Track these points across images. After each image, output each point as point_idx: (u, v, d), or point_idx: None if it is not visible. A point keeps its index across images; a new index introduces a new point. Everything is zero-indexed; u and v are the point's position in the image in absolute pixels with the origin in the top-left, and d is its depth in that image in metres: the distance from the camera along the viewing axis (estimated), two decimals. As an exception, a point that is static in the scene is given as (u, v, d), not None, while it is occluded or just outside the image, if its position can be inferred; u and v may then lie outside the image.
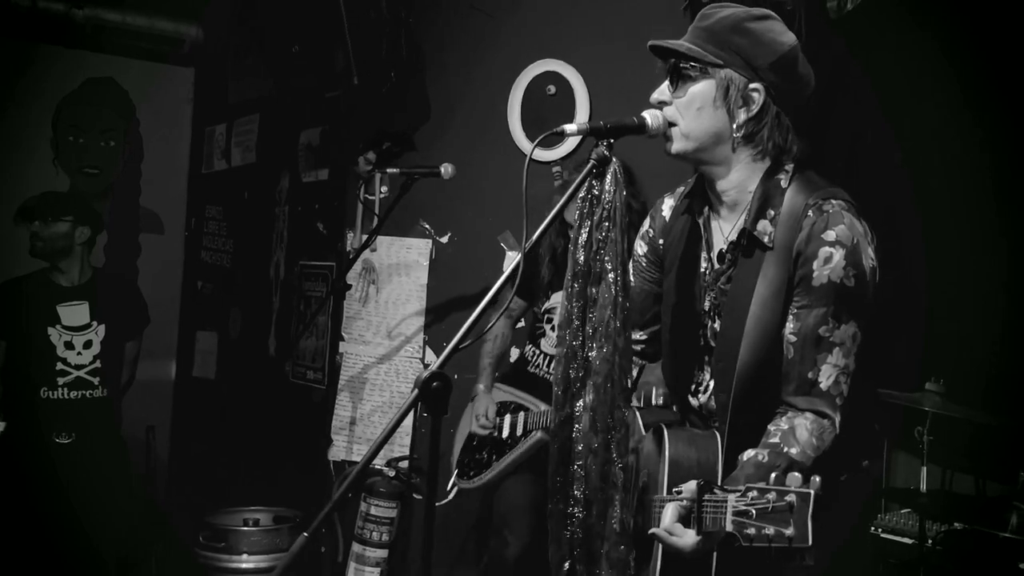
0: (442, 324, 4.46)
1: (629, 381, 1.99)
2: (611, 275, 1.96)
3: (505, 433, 3.66)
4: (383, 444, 1.78)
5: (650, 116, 2.08)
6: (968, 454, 3.03)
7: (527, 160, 1.93)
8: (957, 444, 2.97)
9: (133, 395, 5.28)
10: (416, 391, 1.81)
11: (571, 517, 1.92)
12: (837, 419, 2.01)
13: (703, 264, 2.21)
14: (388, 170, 4.00)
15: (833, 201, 2.05)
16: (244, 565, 4.32)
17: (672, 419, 2.31)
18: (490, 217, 4.31)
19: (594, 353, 1.95)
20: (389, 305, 4.64)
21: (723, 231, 2.18)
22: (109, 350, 4.74)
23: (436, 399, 1.82)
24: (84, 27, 5.75)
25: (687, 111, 2.07)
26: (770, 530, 1.67)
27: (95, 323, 4.69)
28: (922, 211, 3.24)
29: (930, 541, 2.86)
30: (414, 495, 4.36)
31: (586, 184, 2.01)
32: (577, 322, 1.99)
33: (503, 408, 3.72)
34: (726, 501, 1.74)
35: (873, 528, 3.09)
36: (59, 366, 4.60)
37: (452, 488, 3.82)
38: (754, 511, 1.69)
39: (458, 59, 4.53)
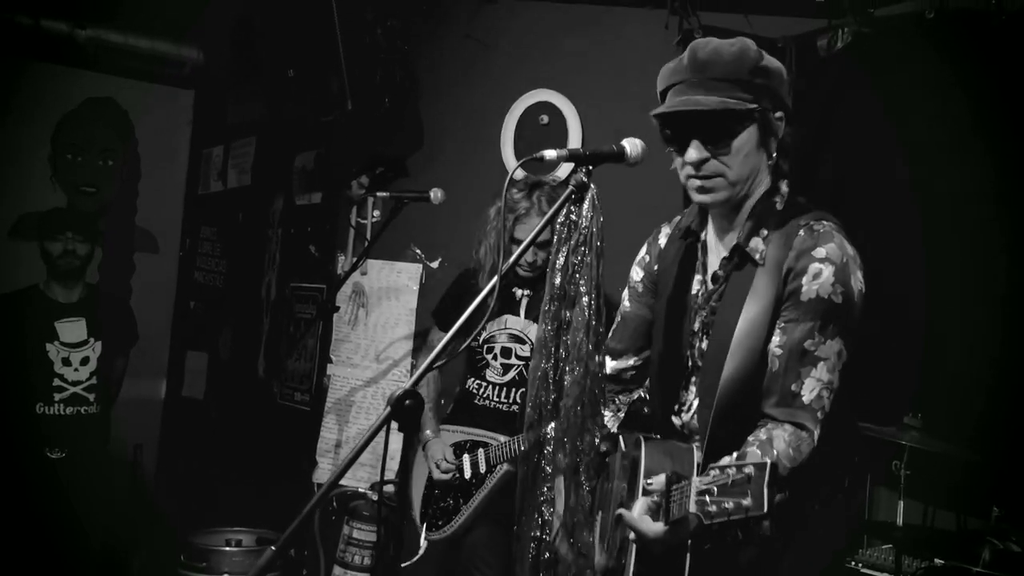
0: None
1: (602, 405, 2.01)
2: (585, 299, 1.99)
3: (468, 474, 3.57)
4: (354, 460, 1.79)
5: (629, 145, 2.10)
6: (945, 489, 3.04)
7: (507, 180, 1.96)
8: (934, 479, 2.98)
9: (122, 413, 5.29)
10: (388, 409, 1.83)
11: (538, 540, 1.93)
12: (816, 432, 2.01)
13: (696, 286, 2.24)
14: (378, 193, 4.04)
15: (824, 222, 2.10)
16: (224, 586, 4.30)
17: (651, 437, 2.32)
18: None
19: (567, 376, 1.97)
20: (378, 328, 4.66)
21: (719, 253, 2.22)
22: (104, 367, 4.77)
23: (408, 416, 1.83)
24: (86, 47, 5.80)
25: (734, 160, 2.08)
26: (729, 503, 1.68)
27: (92, 340, 4.73)
28: (915, 240, 3.27)
29: (909, 576, 2.87)
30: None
31: (564, 209, 2.03)
32: (551, 345, 2.01)
33: (459, 449, 3.62)
34: (690, 484, 1.78)
35: (852, 563, 3.09)
36: (56, 382, 4.63)
37: (424, 543, 3.72)
38: (715, 488, 1.71)
39: (452, 87, 4.58)
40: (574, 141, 4.10)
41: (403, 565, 3.89)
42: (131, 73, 6.20)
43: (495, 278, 1.95)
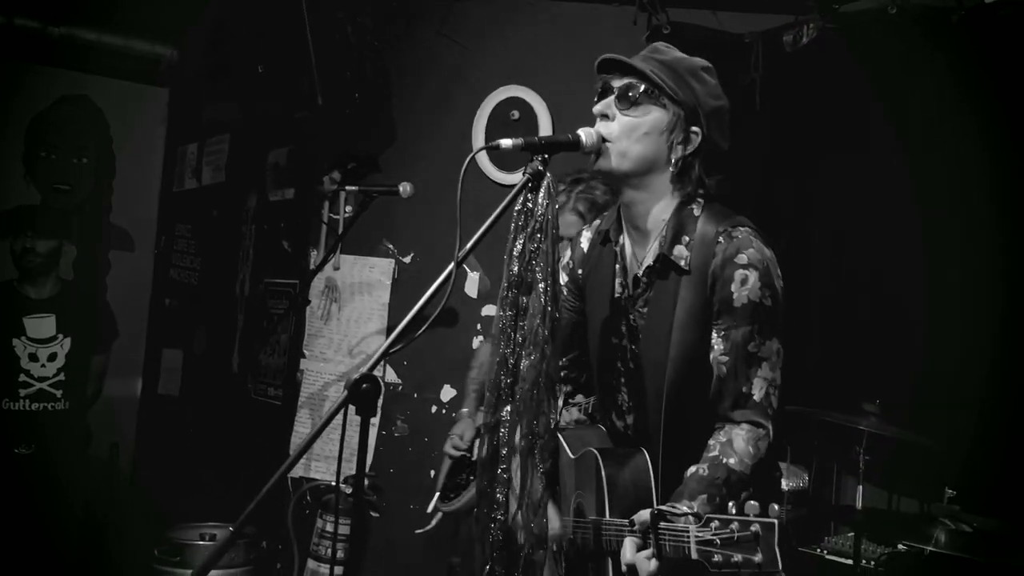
0: (403, 343, 4.50)
1: (557, 388, 2.05)
2: (541, 285, 2.02)
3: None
4: (313, 441, 1.83)
5: (584, 134, 2.15)
6: (902, 473, 3.09)
7: (465, 164, 2.00)
8: (892, 464, 3.03)
9: (99, 411, 5.29)
10: (345, 392, 1.86)
11: (494, 521, 1.96)
12: (770, 427, 2.10)
13: (618, 290, 2.30)
14: (347, 187, 4.07)
15: (741, 228, 2.16)
16: (199, 580, 4.31)
17: (594, 436, 2.38)
18: (453, 239, 4.36)
19: (524, 361, 2.00)
20: (351, 323, 4.69)
21: (637, 257, 2.27)
22: (74, 363, 4.77)
23: (366, 400, 1.87)
24: (59, 45, 5.79)
25: (631, 133, 2.15)
26: (738, 557, 1.72)
27: (61, 336, 4.73)
28: (880, 229, 3.32)
29: (872, 563, 2.92)
30: (371, 512, 4.38)
31: (520, 197, 2.07)
32: (509, 330, 2.04)
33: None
34: (687, 531, 1.79)
35: (817, 550, 3.14)
36: (22, 377, 4.62)
37: (434, 512, 3.82)
38: (719, 540, 1.73)
39: (424, 83, 4.61)
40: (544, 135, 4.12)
41: (417, 532, 3.93)
42: (105, 71, 6.18)
43: (451, 265, 1.98)
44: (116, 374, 5.73)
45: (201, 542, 4.41)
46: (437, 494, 3.78)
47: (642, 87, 2.15)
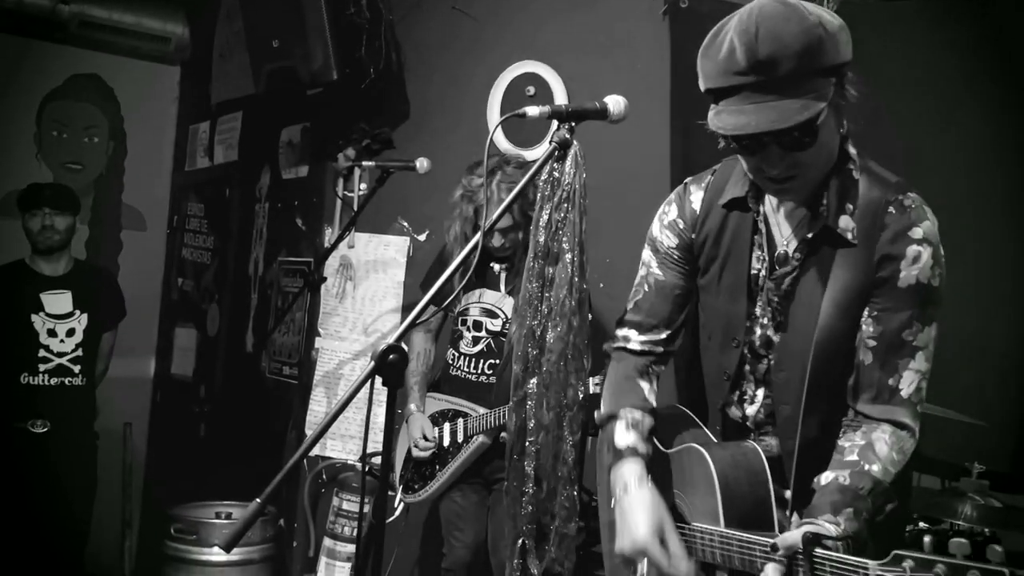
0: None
1: (586, 361, 2.01)
2: (568, 255, 1.99)
3: (446, 442, 3.62)
4: (340, 411, 1.81)
5: (612, 102, 2.10)
6: (931, 449, 3.07)
7: (491, 132, 1.98)
8: (922, 438, 3.01)
9: (112, 391, 5.30)
10: (372, 363, 1.83)
11: (524, 494, 1.94)
12: (916, 428, 1.89)
13: (755, 264, 2.03)
14: (364, 163, 4.04)
15: (911, 195, 1.91)
16: (214, 558, 4.32)
17: (685, 424, 2.16)
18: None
19: (550, 333, 1.98)
20: (366, 301, 4.67)
21: (783, 231, 2.01)
22: (90, 339, 4.79)
23: (392, 371, 1.84)
24: (70, 23, 5.75)
25: (816, 156, 1.85)
26: None
27: (78, 312, 4.75)
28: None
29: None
30: (390, 492, 4.37)
31: (547, 167, 2.04)
32: (536, 302, 2.02)
33: (441, 416, 3.68)
34: (866, 569, 1.51)
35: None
36: (41, 352, 4.64)
37: (399, 504, 3.80)
38: None
39: (439, 59, 4.57)
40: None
41: (387, 521, 3.93)
42: (116, 49, 6.15)
43: (478, 235, 1.96)
44: (129, 354, 5.74)
45: (216, 520, 4.41)
46: (400, 487, 3.76)
47: (806, 139, 1.79)
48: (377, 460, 4.31)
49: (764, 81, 1.75)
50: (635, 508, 1.91)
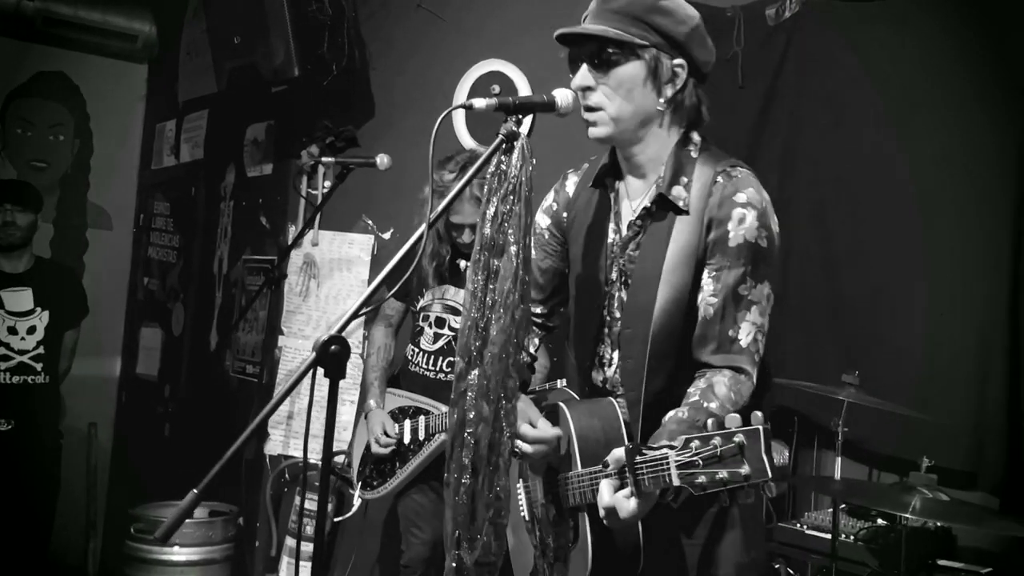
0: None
1: (526, 354, 2.02)
2: (513, 248, 1.98)
3: (407, 439, 3.60)
4: (280, 402, 1.80)
5: (560, 94, 2.09)
6: (880, 444, 3.09)
7: (437, 122, 1.97)
8: (870, 435, 3.03)
9: (78, 391, 5.26)
10: (313, 355, 1.82)
11: (463, 485, 1.93)
12: (754, 374, 2.05)
13: (611, 235, 2.23)
14: (323, 159, 4.02)
15: (740, 168, 2.12)
16: (175, 557, 4.30)
17: (565, 397, 2.32)
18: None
19: (493, 325, 1.97)
20: (329, 300, 4.65)
21: (632, 204, 2.21)
22: (52, 337, 4.75)
23: (334, 363, 1.83)
24: (35, 20, 5.70)
25: (616, 94, 2.09)
26: (723, 473, 1.65)
27: (39, 309, 4.70)
28: (863, 200, 3.30)
29: (852, 537, 2.91)
30: (349, 490, 4.35)
31: (495, 159, 2.03)
32: (480, 294, 2.01)
33: (401, 413, 3.65)
34: (667, 458, 1.73)
35: (796, 524, 3.13)
36: (2, 351, 4.59)
37: (357, 500, 3.77)
38: (700, 460, 1.67)
39: (404, 57, 4.56)
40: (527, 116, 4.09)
41: (336, 520, 3.91)
42: (82, 47, 6.10)
43: (423, 226, 1.94)
44: (95, 353, 5.69)
45: (178, 520, 4.37)
46: (359, 483, 3.73)
47: (608, 50, 2.08)
48: (343, 460, 4.30)
49: (598, 11, 2.10)
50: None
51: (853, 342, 3.21)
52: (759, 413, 1.68)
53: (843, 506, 3.00)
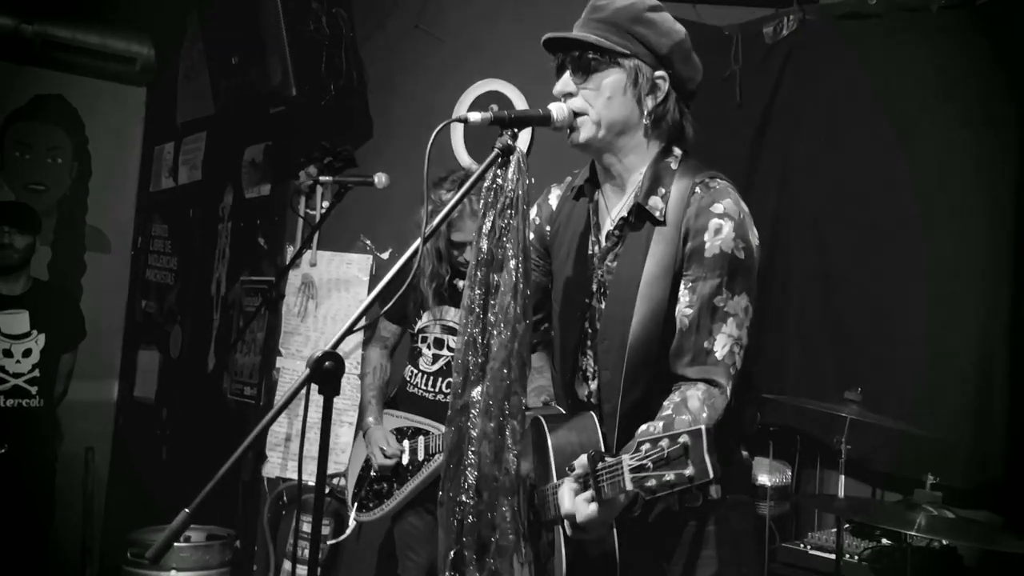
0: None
1: (529, 369, 1.99)
2: (512, 262, 1.96)
3: (405, 459, 3.56)
4: (273, 419, 1.78)
5: (555, 108, 2.10)
6: (886, 464, 3.05)
7: (432, 136, 1.96)
8: (874, 452, 3.00)
9: (75, 415, 5.22)
10: (307, 371, 1.80)
11: (462, 504, 1.90)
12: (728, 387, 2.01)
13: (591, 247, 2.22)
14: (321, 178, 4.01)
15: (719, 180, 2.10)
16: (172, 582, 4.25)
17: (549, 412, 2.30)
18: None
19: (494, 341, 1.95)
20: (328, 321, 4.62)
21: (611, 214, 2.20)
22: (48, 360, 4.72)
23: (328, 379, 1.81)
24: (34, 42, 5.70)
25: (597, 100, 2.09)
26: (670, 475, 1.64)
27: (35, 332, 4.68)
28: (862, 217, 3.29)
29: (856, 557, 2.88)
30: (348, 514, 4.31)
31: (490, 173, 2.02)
32: (478, 310, 1.98)
33: (400, 434, 3.62)
34: (620, 463, 1.73)
35: (800, 545, 3.10)
36: None
37: (352, 523, 3.72)
38: (650, 463, 1.67)
39: (401, 77, 4.57)
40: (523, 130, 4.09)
41: (331, 542, 3.87)
42: (81, 70, 6.09)
43: (418, 241, 1.93)
44: (92, 377, 5.66)
45: (176, 543, 4.32)
46: (354, 505, 3.68)
47: (589, 55, 2.09)
48: (338, 481, 4.26)
49: (584, 20, 2.13)
50: None
51: (854, 359, 3.19)
52: (704, 414, 1.77)
53: (847, 526, 2.97)
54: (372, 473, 3.64)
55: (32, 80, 6.12)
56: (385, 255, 4.53)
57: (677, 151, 2.17)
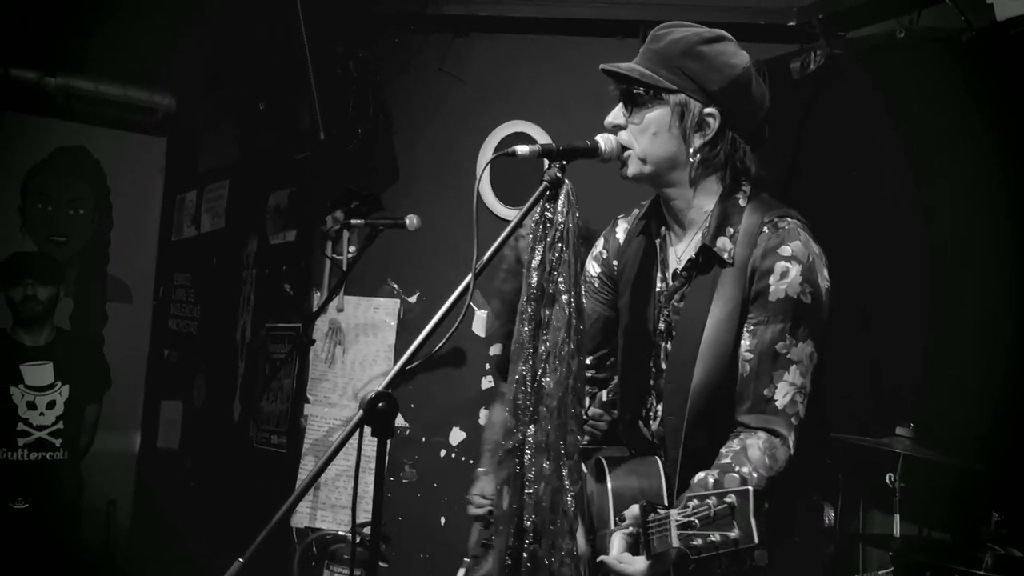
0: (410, 385, 4.38)
1: (584, 407, 1.94)
2: (565, 296, 1.92)
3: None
4: (326, 465, 1.72)
5: (603, 140, 2.07)
6: (941, 499, 2.96)
7: (480, 172, 1.92)
8: (929, 489, 2.91)
9: (96, 466, 5.16)
10: (360, 412, 1.74)
11: (516, 549, 1.83)
12: (791, 438, 1.94)
13: (658, 285, 2.16)
14: (352, 221, 3.99)
15: (788, 219, 2.04)
16: (200, 636, 4.16)
17: (614, 453, 2.24)
18: (459, 277, 4.26)
19: (548, 378, 1.89)
20: (356, 366, 4.57)
21: (678, 252, 2.15)
22: (72, 412, 4.68)
23: (382, 420, 1.75)
24: (56, 95, 5.72)
25: (642, 136, 2.06)
26: (716, 536, 1.60)
27: (59, 383, 4.65)
28: (904, 252, 3.24)
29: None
30: (380, 563, 4.21)
31: (539, 206, 1.98)
32: (529, 347, 1.93)
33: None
34: (668, 518, 1.68)
35: (852, 585, 3.01)
36: (20, 426, 4.52)
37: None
38: (697, 521, 1.62)
39: (427, 120, 4.56)
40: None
41: None
42: (102, 121, 6.12)
43: (468, 276, 1.89)
44: (114, 428, 5.60)
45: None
46: (467, 560, 3.59)
47: (635, 89, 2.06)
48: (367, 530, 4.15)
49: (642, 52, 2.09)
50: None
51: (897, 394, 3.12)
52: (754, 474, 1.73)
53: (891, 568, 2.88)
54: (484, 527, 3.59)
55: (54, 132, 6.15)
56: (412, 298, 4.49)
57: (746, 186, 2.10)
